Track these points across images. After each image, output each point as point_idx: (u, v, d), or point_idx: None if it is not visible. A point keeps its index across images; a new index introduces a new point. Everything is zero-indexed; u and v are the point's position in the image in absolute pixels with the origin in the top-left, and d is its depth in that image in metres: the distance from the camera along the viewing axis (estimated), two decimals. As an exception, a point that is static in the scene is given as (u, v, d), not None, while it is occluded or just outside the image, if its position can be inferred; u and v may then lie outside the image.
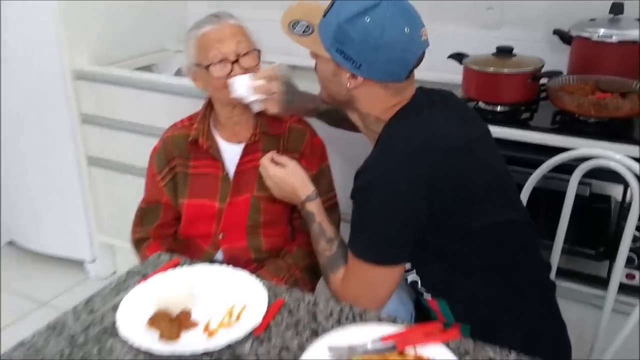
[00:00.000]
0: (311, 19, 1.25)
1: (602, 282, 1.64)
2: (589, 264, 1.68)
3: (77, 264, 2.74)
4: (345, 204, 1.74)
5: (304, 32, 1.25)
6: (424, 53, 1.22)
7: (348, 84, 1.21)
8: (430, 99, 1.29)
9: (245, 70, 1.43)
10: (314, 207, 1.37)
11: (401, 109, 1.24)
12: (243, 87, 1.41)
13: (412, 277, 1.29)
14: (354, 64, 1.18)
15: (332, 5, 1.20)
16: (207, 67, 1.43)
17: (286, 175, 1.39)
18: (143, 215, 1.60)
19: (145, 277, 1.24)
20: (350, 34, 1.15)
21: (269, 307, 1.13)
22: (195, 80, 1.51)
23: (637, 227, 1.45)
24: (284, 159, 1.41)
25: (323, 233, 1.35)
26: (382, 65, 1.17)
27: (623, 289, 1.53)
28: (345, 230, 1.75)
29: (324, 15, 1.21)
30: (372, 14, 1.14)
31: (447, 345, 1.02)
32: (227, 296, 1.17)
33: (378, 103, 1.24)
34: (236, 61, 1.42)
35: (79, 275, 2.72)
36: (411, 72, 1.22)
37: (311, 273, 1.54)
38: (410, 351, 1.00)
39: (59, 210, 2.64)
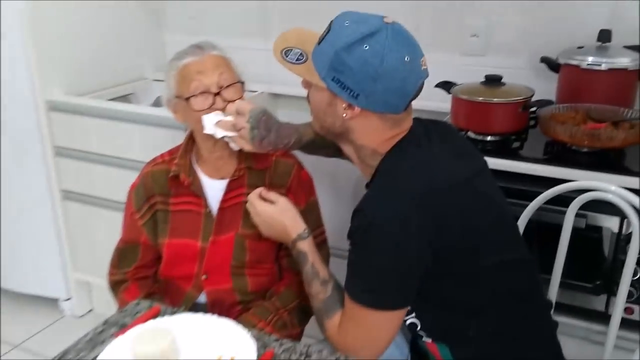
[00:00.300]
0: (305, 46, 1.19)
1: (600, 316, 1.61)
2: (586, 298, 1.64)
3: (51, 302, 2.62)
4: (334, 239, 1.69)
5: (297, 60, 1.19)
6: (423, 83, 1.17)
7: (344, 114, 1.15)
8: (428, 130, 1.23)
9: (228, 103, 1.36)
10: (306, 247, 1.31)
11: (399, 142, 1.18)
12: (210, 123, 1.35)
13: (411, 319, 1.22)
14: (351, 93, 1.12)
15: (327, 32, 1.14)
16: (187, 99, 1.36)
17: (276, 213, 1.32)
18: (120, 256, 1.52)
19: (123, 328, 1.15)
20: (348, 63, 1.09)
21: (258, 359, 1.05)
22: (175, 112, 1.44)
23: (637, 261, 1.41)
24: (273, 195, 1.34)
25: (316, 275, 1.27)
26: (381, 95, 1.11)
27: (622, 323, 1.48)
28: (335, 266, 1.69)
29: (319, 43, 1.15)
30: (371, 41, 1.08)
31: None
32: (213, 348, 1.09)
33: (375, 135, 1.18)
34: (218, 93, 1.36)
35: (54, 314, 2.60)
36: (409, 103, 1.17)
37: (300, 315, 1.46)
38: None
39: (32, 246, 2.53)
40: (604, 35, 1.77)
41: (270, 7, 2.48)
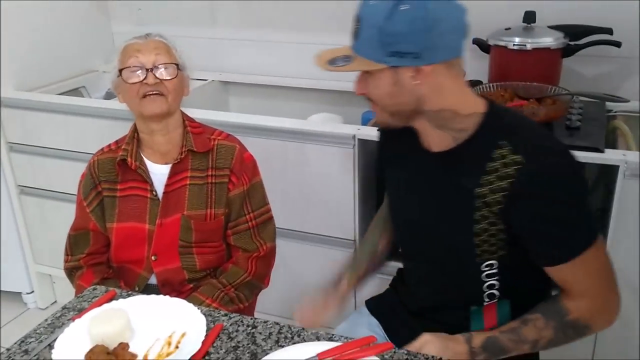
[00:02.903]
0: (343, 53, 1.16)
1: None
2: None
3: (15, 296, 2.66)
4: (283, 218, 1.78)
5: (344, 62, 1.14)
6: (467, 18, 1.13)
7: (415, 82, 1.10)
8: None
9: (159, 81, 1.43)
10: (480, 340, 1.18)
11: (489, 102, 1.18)
12: None
13: (493, 281, 1.21)
14: (413, 56, 1.07)
15: (359, 22, 1.11)
16: (121, 71, 1.44)
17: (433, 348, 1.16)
18: (72, 243, 1.58)
19: (80, 312, 1.22)
20: (396, 30, 1.06)
21: (207, 333, 1.14)
22: (118, 93, 1.51)
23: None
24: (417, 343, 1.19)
25: (521, 342, 1.17)
26: (441, 42, 1.08)
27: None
28: (284, 242, 1.78)
29: (356, 39, 1.12)
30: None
31: (382, 357, 1.06)
32: (165, 325, 1.17)
33: (447, 91, 1.13)
34: (151, 70, 1.43)
35: (18, 308, 2.65)
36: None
37: (247, 291, 1.55)
38: (346, 366, 1.03)
39: (-9, 243, 2.56)
40: (529, 17, 1.89)
41: (216, -3, 2.54)
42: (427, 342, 1.15)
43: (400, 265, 1.47)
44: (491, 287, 1.21)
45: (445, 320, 1.26)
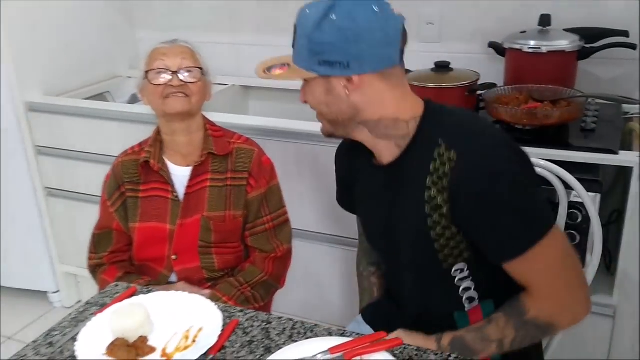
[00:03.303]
0: (284, 61, 1.19)
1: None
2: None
3: (41, 295, 2.74)
4: (300, 219, 1.81)
5: (280, 68, 1.17)
6: (404, 27, 1.14)
7: (346, 91, 1.12)
8: None
9: (183, 84, 1.47)
10: (448, 339, 1.19)
11: (426, 102, 1.19)
12: None
13: (467, 283, 1.21)
14: (341, 65, 1.09)
15: (295, 32, 1.14)
16: (147, 73, 1.49)
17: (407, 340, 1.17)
18: (96, 242, 1.64)
19: (102, 307, 1.27)
20: (324, 40, 1.09)
21: (224, 327, 1.18)
22: (142, 95, 1.56)
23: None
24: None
25: (485, 340, 1.16)
26: (370, 52, 1.09)
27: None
28: (300, 242, 1.82)
29: (293, 47, 1.15)
30: (335, 10, 1.08)
31: (392, 352, 1.08)
32: (184, 320, 1.21)
33: (386, 101, 1.14)
34: (176, 72, 1.48)
35: (44, 307, 2.72)
36: (402, 52, 1.15)
37: (262, 290, 1.59)
38: (357, 360, 1.06)
39: (20, 243, 2.64)
40: (544, 20, 1.90)
41: (238, 3, 2.59)
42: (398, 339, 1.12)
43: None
44: (466, 290, 1.21)
45: (435, 325, 1.24)
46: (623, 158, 1.61)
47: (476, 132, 1.15)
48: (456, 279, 1.20)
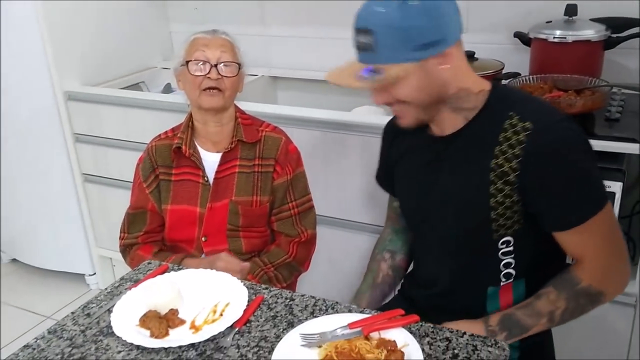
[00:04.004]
0: (355, 69, 1.18)
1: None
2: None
3: (78, 278, 2.86)
4: (325, 206, 1.86)
5: (372, 76, 1.15)
6: None
7: (442, 66, 1.16)
8: None
9: (220, 77, 1.53)
10: (496, 318, 1.23)
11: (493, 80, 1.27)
12: None
13: (509, 259, 1.26)
14: (435, 44, 1.13)
15: (370, 34, 1.13)
16: (188, 63, 1.55)
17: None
18: (131, 221, 1.70)
19: (136, 282, 1.35)
20: (414, 24, 1.11)
21: (249, 303, 1.24)
22: (178, 80, 1.63)
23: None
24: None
25: (536, 315, 1.21)
26: (451, 23, 1.15)
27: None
28: (325, 228, 1.87)
29: (372, 50, 1.14)
30: None
31: (408, 329, 1.13)
32: (212, 296, 1.28)
33: (464, 71, 1.21)
34: (215, 66, 1.54)
35: (81, 288, 2.84)
36: None
37: (286, 272, 1.66)
38: (374, 335, 1.11)
39: (58, 227, 2.76)
40: (571, 10, 1.91)
41: (267, -4, 2.65)
42: None
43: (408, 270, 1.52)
44: (507, 265, 1.26)
45: (462, 304, 1.30)
46: (645, 147, 1.62)
47: (545, 106, 1.24)
48: (500, 252, 1.25)
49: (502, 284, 1.28)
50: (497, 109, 1.21)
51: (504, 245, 1.24)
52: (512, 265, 1.26)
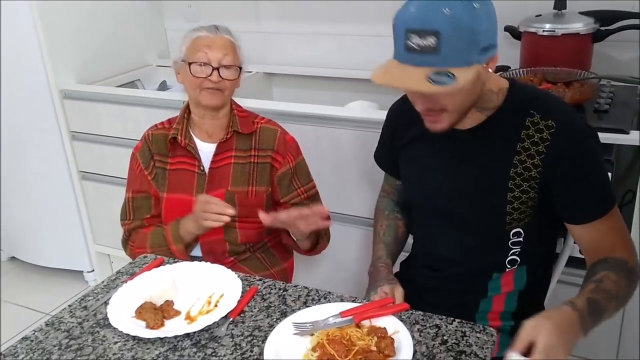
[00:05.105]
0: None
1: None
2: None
3: (77, 275, 2.88)
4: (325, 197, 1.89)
5: (444, 80, 1.10)
6: None
7: (489, 69, 1.17)
8: None
9: (221, 80, 1.56)
10: (580, 305, 1.09)
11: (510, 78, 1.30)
12: None
13: (516, 248, 1.31)
14: (491, 47, 1.13)
15: (437, 36, 1.08)
16: (190, 64, 1.57)
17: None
18: (135, 207, 1.69)
19: (132, 275, 1.37)
20: (482, 28, 1.10)
21: (243, 294, 1.27)
22: (177, 73, 1.65)
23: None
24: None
25: (609, 298, 1.13)
26: (496, 27, 1.15)
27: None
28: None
29: (436, 53, 1.08)
30: None
31: (399, 317, 1.16)
32: (206, 287, 1.31)
33: (490, 73, 1.21)
34: (217, 69, 1.56)
35: (80, 285, 2.85)
36: None
37: (283, 276, 1.70)
38: (366, 323, 1.14)
39: (56, 225, 2.78)
40: (560, 4, 1.93)
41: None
42: (551, 348, 0.99)
43: (404, 256, 1.55)
44: (513, 253, 1.31)
45: (465, 286, 1.35)
46: (633, 137, 1.64)
47: (562, 104, 1.28)
48: (510, 242, 1.30)
49: (507, 270, 1.33)
50: (517, 107, 1.24)
51: (515, 237, 1.29)
52: (518, 253, 1.31)
